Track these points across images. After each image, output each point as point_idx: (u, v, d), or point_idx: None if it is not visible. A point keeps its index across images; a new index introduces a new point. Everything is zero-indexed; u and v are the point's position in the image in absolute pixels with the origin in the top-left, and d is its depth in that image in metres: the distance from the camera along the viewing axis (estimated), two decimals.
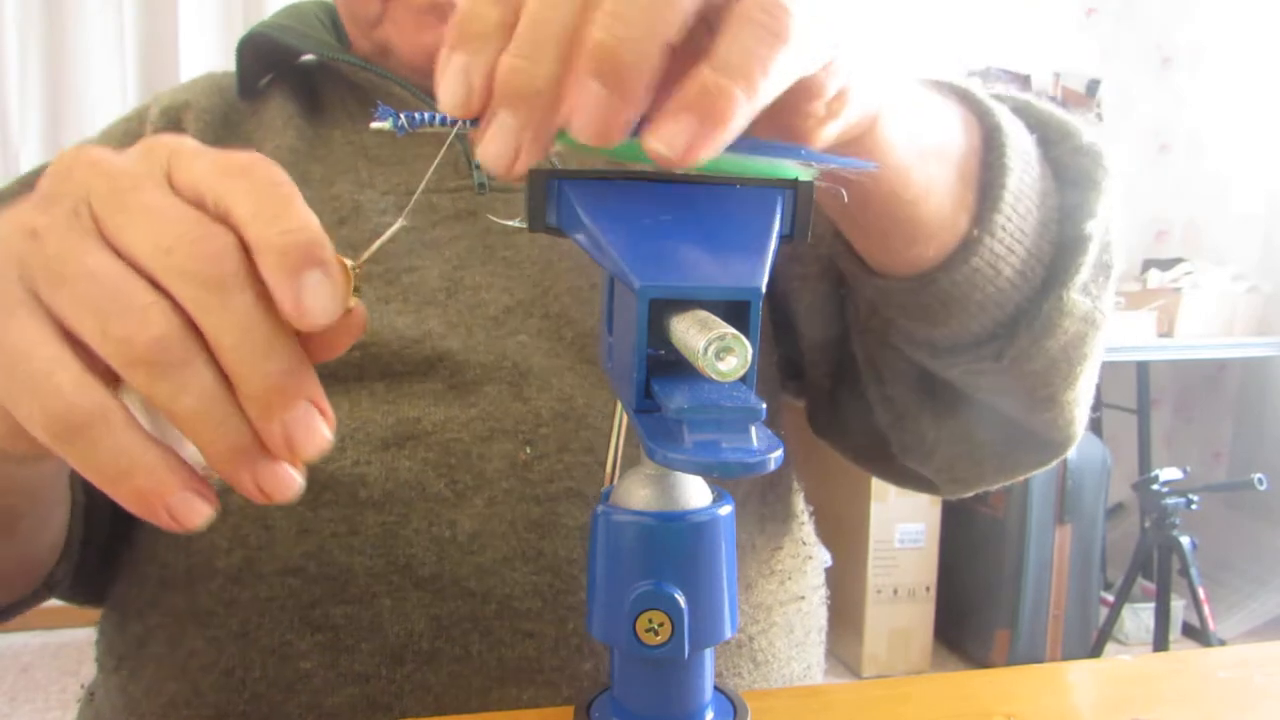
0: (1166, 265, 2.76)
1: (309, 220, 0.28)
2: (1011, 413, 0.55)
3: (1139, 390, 2.64)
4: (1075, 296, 0.48)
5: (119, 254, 0.28)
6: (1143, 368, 2.61)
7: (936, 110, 0.46)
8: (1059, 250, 0.48)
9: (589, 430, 0.54)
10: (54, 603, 0.62)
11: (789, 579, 0.61)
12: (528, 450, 0.53)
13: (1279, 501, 2.58)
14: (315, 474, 0.52)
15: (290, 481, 0.29)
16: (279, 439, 0.28)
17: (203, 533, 0.52)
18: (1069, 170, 0.49)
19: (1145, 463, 2.64)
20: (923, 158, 0.43)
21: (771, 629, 0.58)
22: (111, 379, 0.28)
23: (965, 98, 0.49)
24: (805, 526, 0.65)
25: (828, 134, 0.35)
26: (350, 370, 0.54)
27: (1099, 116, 3.01)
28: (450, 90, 0.29)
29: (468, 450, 0.53)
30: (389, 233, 0.32)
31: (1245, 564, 2.77)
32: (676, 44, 0.28)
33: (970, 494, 0.65)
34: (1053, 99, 2.94)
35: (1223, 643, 2.26)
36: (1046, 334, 0.49)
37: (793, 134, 0.34)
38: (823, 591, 0.65)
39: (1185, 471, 2.06)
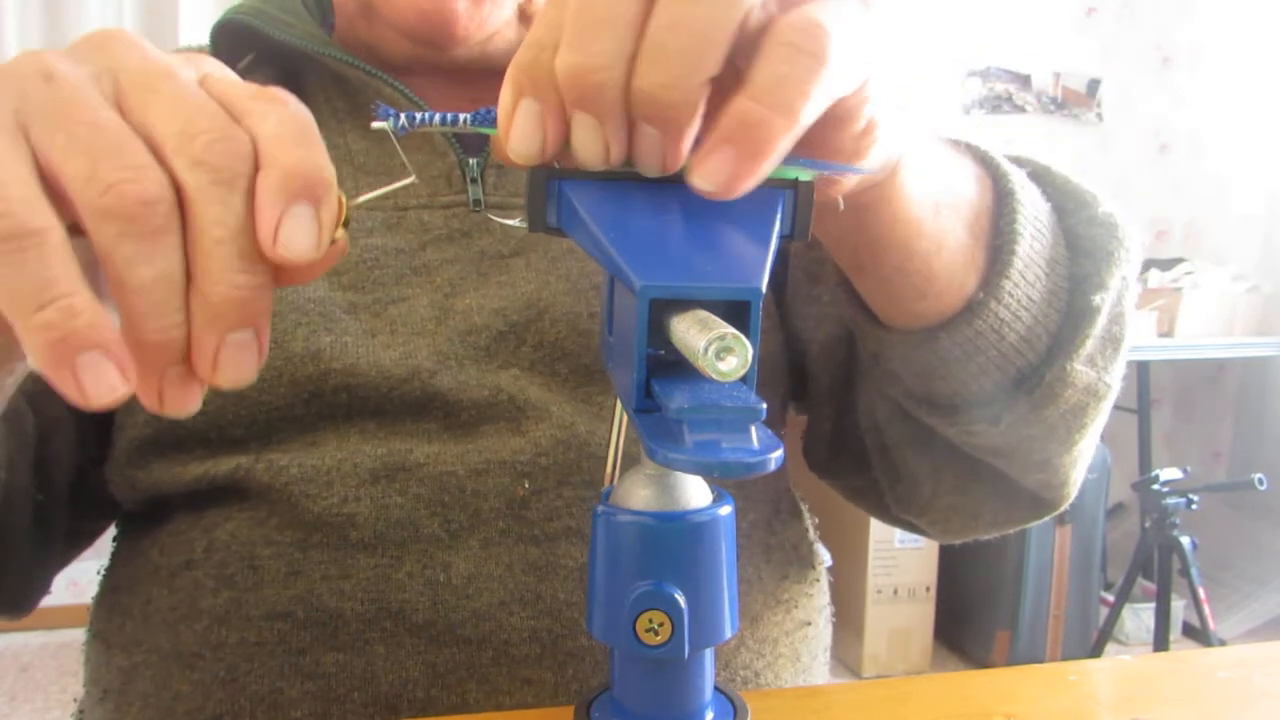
0: (1166, 265, 2.76)
1: (322, 158, 0.28)
2: (1006, 471, 0.55)
3: (1139, 390, 2.64)
4: (1079, 368, 0.47)
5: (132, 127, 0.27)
6: (1143, 368, 2.61)
7: (953, 165, 0.45)
8: (1066, 320, 0.48)
9: (590, 461, 0.52)
10: (54, 602, 0.62)
11: (796, 607, 0.59)
12: (525, 485, 0.51)
13: (1279, 501, 2.57)
14: (302, 514, 0.50)
15: (193, 401, 0.28)
16: (209, 352, 0.27)
17: (187, 570, 0.52)
18: (1082, 240, 0.49)
19: (1145, 463, 2.64)
20: (938, 211, 0.42)
21: (778, 661, 0.57)
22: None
23: (982, 159, 0.48)
24: (814, 546, 0.64)
25: (850, 180, 0.35)
26: (338, 411, 0.52)
27: (1099, 116, 3.01)
28: (525, 136, 0.29)
29: (462, 485, 0.51)
30: (399, 185, 0.32)
31: (1245, 564, 2.77)
32: (718, 73, 0.28)
33: (960, 542, 0.64)
34: (1053, 99, 2.94)
35: (1223, 643, 2.26)
36: (1046, 402, 0.48)
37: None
38: (828, 610, 0.64)
39: (1185, 471, 2.06)
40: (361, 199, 0.31)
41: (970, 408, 0.49)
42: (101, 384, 0.25)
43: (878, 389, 0.56)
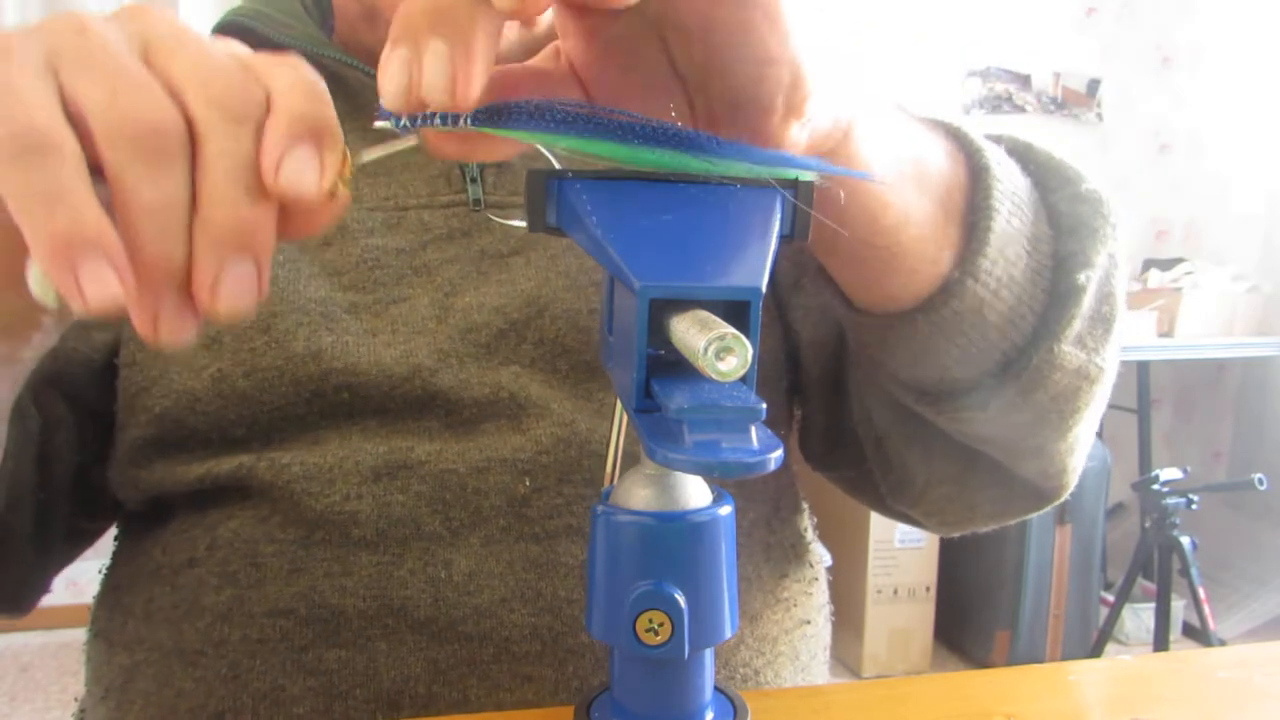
0: (1166, 265, 2.76)
1: (330, 112, 0.30)
2: (1001, 460, 0.54)
3: (1139, 390, 2.64)
4: (1067, 349, 0.46)
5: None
6: (1143, 368, 2.61)
7: (919, 138, 0.44)
8: (1052, 300, 0.46)
9: (591, 459, 0.52)
10: (54, 602, 0.62)
11: (795, 606, 0.59)
12: (526, 483, 0.52)
13: (1279, 501, 2.58)
14: (304, 512, 0.51)
15: (188, 331, 0.29)
16: (209, 278, 0.28)
17: (190, 568, 0.52)
18: (1066, 218, 0.47)
19: (1145, 463, 2.64)
20: (902, 180, 0.41)
21: (778, 659, 0.57)
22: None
23: (956, 135, 0.46)
24: (812, 545, 0.63)
25: (795, 136, 0.33)
26: (339, 410, 0.53)
27: (1099, 116, 3.01)
28: (391, 78, 0.29)
29: (463, 483, 0.51)
30: (404, 145, 0.33)
31: (1245, 564, 2.77)
32: None
33: (958, 534, 0.63)
34: (1053, 99, 2.94)
35: (1223, 643, 2.26)
36: (1035, 386, 0.47)
37: (762, 137, 0.33)
38: (828, 609, 0.64)
39: (1185, 471, 2.06)
40: (367, 156, 0.32)
41: (958, 393, 0.48)
42: (101, 288, 0.26)
43: (868, 379, 0.55)
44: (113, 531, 0.62)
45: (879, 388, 0.54)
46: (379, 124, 0.31)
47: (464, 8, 0.28)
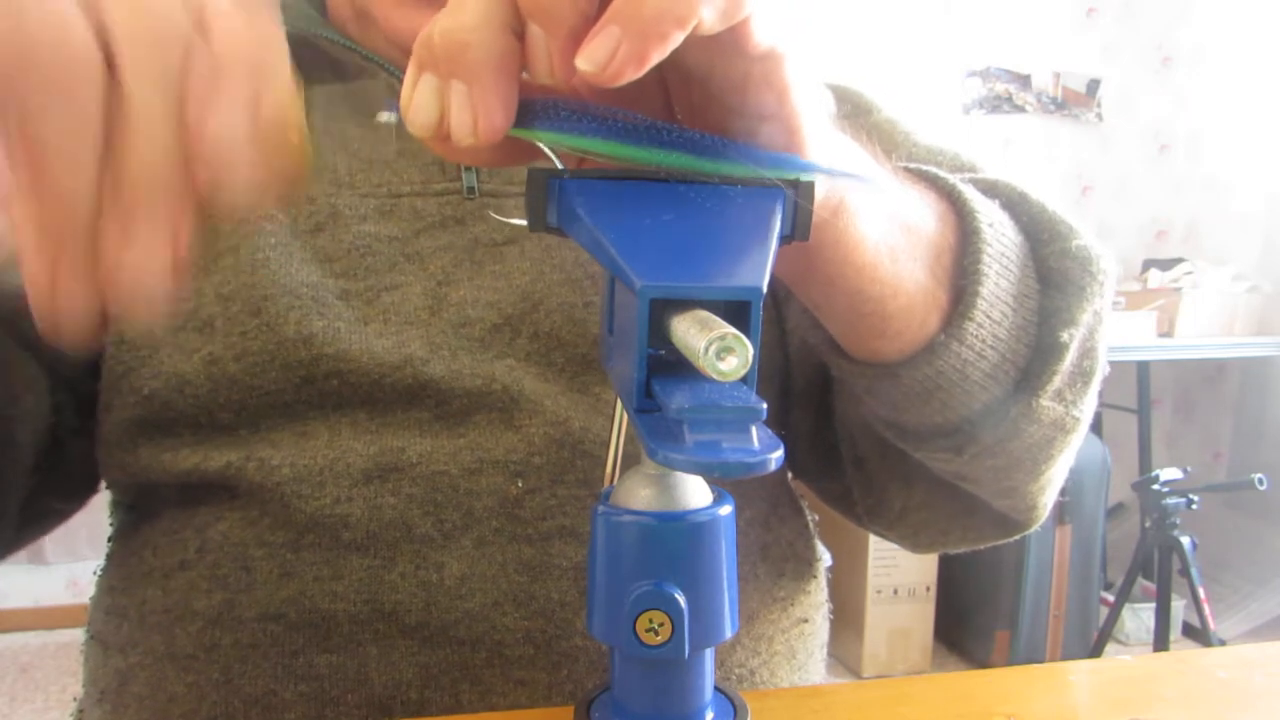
0: (1166, 265, 2.76)
1: (274, 47, 0.26)
2: (976, 493, 0.54)
3: (1139, 390, 2.64)
4: (1046, 403, 0.47)
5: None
6: (1143, 368, 2.61)
7: (910, 203, 0.44)
8: (1034, 354, 0.47)
9: (585, 459, 0.52)
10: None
11: (793, 604, 0.59)
12: (519, 484, 0.51)
13: (1279, 501, 2.58)
14: (295, 515, 0.50)
15: (86, 305, 0.25)
16: (115, 237, 0.24)
17: (181, 571, 0.52)
18: (1054, 274, 0.47)
19: (1145, 463, 2.65)
20: (894, 257, 0.41)
21: (774, 659, 0.57)
22: None
23: (948, 193, 0.46)
24: (812, 543, 0.63)
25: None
26: (329, 399, 0.52)
27: (1099, 116, 3.01)
28: (421, 109, 0.28)
29: (455, 485, 0.51)
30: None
31: (1245, 564, 2.77)
32: None
33: (930, 553, 0.64)
34: (1053, 99, 2.94)
35: (1223, 643, 2.26)
36: (1012, 436, 0.47)
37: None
38: (826, 607, 0.64)
39: (1185, 471, 2.06)
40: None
41: (935, 436, 0.49)
42: None
43: (850, 409, 0.56)
44: (108, 532, 0.61)
45: (860, 417, 0.55)
46: (383, 118, 0.31)
47: (484, 44, 0.27)
